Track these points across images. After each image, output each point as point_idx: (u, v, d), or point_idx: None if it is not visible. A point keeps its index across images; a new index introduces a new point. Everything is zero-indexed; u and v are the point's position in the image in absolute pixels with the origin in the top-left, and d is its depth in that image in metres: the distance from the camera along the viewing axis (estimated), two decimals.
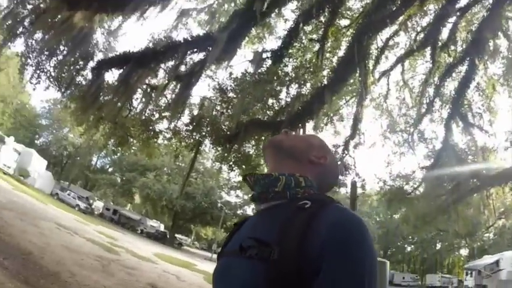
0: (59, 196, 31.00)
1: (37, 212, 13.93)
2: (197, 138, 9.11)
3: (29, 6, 10.30)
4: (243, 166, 9.57)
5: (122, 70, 8.01)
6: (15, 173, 26.32)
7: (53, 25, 8.18)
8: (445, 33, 9.94)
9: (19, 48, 11.38)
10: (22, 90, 34.53)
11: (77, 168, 46.49)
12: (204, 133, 8.74)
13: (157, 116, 9.43)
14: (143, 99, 8.81)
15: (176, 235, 41.92)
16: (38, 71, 11.10)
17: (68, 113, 13.03)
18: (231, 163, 9.89)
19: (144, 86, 8.52)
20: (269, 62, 8.16)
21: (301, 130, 8.30)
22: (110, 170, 50.64)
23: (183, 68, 7.78)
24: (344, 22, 11.20)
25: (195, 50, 7.47)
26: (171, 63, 7.68)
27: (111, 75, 8.97)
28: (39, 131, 48.10)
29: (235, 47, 7.67)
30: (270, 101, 8.11)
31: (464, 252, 43.42)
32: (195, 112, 9.05)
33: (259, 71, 7.65)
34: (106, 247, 13.03)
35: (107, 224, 30.04)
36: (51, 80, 11.26)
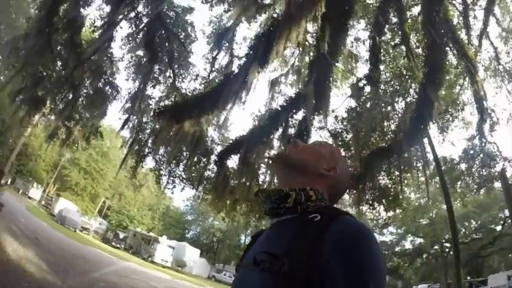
0: (216, 278, 34.34)
1: None
2: None
3: (147, 131, 12.77)
4: (383, 200, 9.02)
5: (239, 154, 8.89)
6: (172, 265, 30.38)
7: (170, 138, 9.59)
8: None
9: (150, 164, 13.79)
10: (163, 196, 40.83)
11: (228, 250, 50.79)
12: None
13: None
14: (268, 171, 9.46)
15: None
16: (171, 178, 13.26)
17: (207, 204, 14.69)
18: (370, 202, 9.41)
19: (265, 159, 9.21)
20: (367, 88, 7.99)
21: (426, 139, 7.60)
22: None
23: (292, 131, 8.24)
24: (416, 10, 10.46)
25: (294, 111, 7.89)
26: (280, 131, 8.22)
27: (233, 161, 9.97)
28: (187, 226, 54.90)
29: (325, 94, 7.79)
30: (385, 123, 7.79)
31: None
32: None
33: (361, 101, 7.53)
34: None
35: None
36: (184, 181, 13.25)
